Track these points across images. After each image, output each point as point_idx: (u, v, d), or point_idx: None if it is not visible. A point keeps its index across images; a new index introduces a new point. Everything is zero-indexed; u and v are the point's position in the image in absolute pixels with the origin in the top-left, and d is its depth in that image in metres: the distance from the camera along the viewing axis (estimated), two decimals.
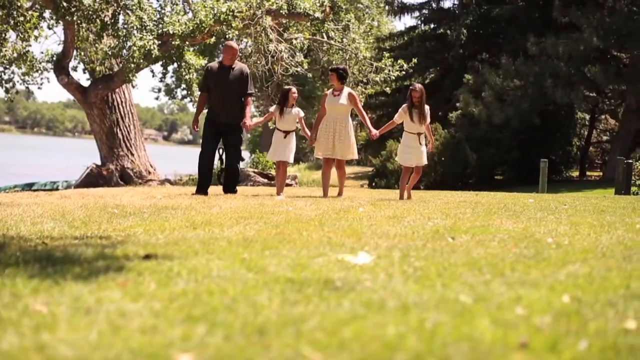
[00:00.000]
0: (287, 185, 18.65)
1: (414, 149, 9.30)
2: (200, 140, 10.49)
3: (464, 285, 2.62)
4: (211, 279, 2.64)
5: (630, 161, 17.36)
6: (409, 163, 9.37)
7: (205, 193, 9.28)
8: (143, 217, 5.60)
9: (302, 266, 2.98)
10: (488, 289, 2.53)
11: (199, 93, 10.49)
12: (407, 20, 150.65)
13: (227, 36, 15.72)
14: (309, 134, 10.02)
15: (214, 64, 10.00)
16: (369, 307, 2.16)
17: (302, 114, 10.09)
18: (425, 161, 9.43)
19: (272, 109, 10.26)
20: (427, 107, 9.33)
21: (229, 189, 9.90)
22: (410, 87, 9.43)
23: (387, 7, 34.25)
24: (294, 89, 9.93)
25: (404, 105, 9.37)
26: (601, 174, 30.52)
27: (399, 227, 5.04)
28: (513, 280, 2.73)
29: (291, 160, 10.03)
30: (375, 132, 9.72)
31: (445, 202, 8.43)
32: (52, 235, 4.25)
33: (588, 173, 32.34)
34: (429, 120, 9.35)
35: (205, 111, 10.42)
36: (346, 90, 9.67)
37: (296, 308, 2.14)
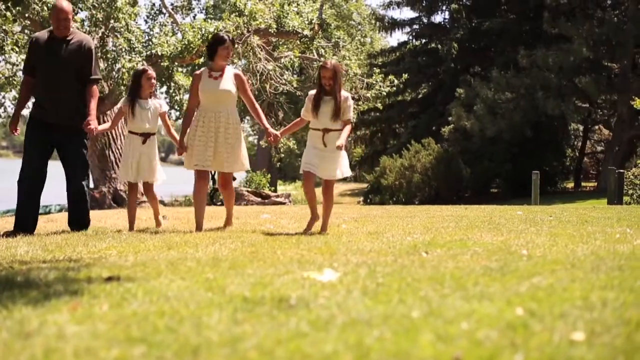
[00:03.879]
0: (280, 204, 18.51)
1: (319, 152, 6.14)
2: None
3: (421, 300, 2.60)
4: (166, 300, 2.62)
5: (621, 171, 17.37)
6: (308, 168, 6.12)
7: (29, 231, 6.44)
8: (121, 239, 5.58)
9: (262, 285, 2.96)
10: (443, 303, 2.51)
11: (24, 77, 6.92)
12: (399, 36, 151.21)
13: None
14: (177, 138, 6.81)
15: (42, 34, 6.71)
16: (315, 324, 2.14)
17: (165, 107, 7.10)
18: (339, 173, 6.19)
19: (121, 103, 7.25)
20: (347, 96, 6.19)
21: (77, 221, 6.74)
22: (321, 64, 6.37)
23: (377, 24, 34.44)
24: (149, 71, 7.01)
25: (311, 92, 6.33)
26: (596, 184, 30.54)
27: (377, 243, 5.02)
28: (472, 294, 2.71)
29: (158, 179, 7.05)
30: (275, 134, 6.52)
31: (431, 217, 8.42)
32: (23, 259, 4.23)
33: (583, 184, 32.38)
34: (350, 115, 6.17)
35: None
36: (230, 70, 6.61)
37: (241, 327, 2.12)
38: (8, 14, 10.94)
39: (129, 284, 3.00)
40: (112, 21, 15.05)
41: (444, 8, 34.20)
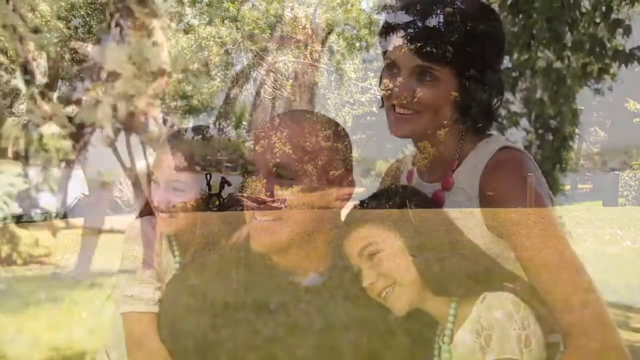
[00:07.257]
0: (277, 208, 18.54)
1: None
2: None
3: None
4: None
5: (617, 172, 17.35)
6: None
7: None
8: (111, 245, 5.57)
9: (246, 290, 2.94)
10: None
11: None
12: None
13: (207, 62, 15.78)
14: None
15: None
16: (291, 329, 2.14)
17: None
18: None
19: None
20: None
21: None
22: None
23: (372, 28, 34.47)
24: None
25: None
26: (591, 186, 30.50)
27: None
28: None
29: None
30: None
31: (425, 220, 8.40)
32: (11, 266, 4.22)
33: (580, 186, 32.31)
34: None
35: None
36: None
37: (218, 333, 2.11)
38: None
39: (112, 290, 2.99)
40: None
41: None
